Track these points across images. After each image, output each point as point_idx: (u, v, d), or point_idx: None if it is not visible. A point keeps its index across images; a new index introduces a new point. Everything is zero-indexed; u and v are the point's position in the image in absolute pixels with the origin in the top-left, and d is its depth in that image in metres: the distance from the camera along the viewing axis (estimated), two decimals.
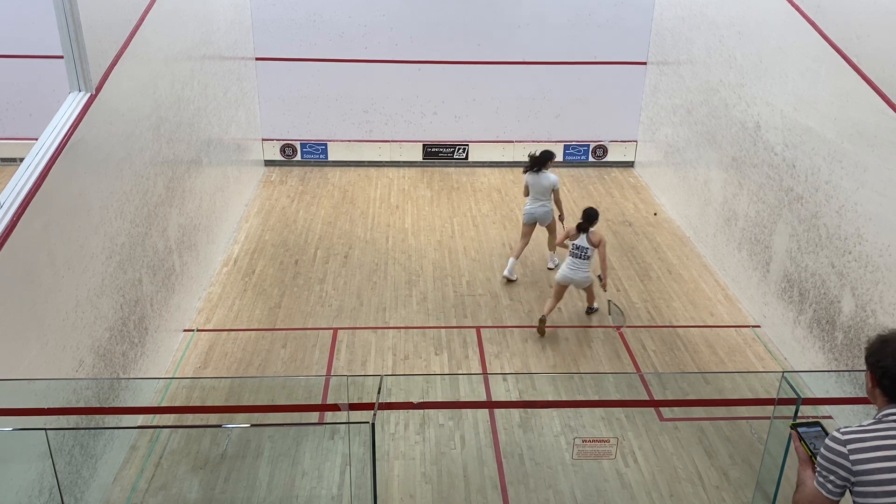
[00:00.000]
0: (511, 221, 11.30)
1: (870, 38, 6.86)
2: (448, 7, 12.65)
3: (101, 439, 5.91)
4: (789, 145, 8.06)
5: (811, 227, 7.59)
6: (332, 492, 6.04)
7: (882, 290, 6.41)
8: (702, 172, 10.50)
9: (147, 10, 7.33)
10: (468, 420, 6.88)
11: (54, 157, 5.34)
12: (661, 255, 10.34)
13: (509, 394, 7.39)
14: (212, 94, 9.65)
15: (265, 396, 7.17)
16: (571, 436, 6.63)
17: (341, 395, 7.29)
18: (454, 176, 13.20)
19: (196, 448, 6.47)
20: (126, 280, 6.57)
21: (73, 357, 5.53)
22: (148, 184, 7.17)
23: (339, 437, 6.63)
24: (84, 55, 5.93)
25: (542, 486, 6.14)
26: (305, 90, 12.97)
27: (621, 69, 13.10)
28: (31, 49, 11.77)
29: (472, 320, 8.62)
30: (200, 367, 7.65)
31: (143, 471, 6.18)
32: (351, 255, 10.13)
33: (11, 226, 4.76)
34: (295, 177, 12.98)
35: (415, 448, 6.54)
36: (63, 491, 5.14)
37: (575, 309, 8.87)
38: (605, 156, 13.72)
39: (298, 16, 12.51)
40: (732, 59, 9.56)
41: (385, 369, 7.65)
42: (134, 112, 6.93)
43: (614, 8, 12.77)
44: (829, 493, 2.71)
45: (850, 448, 2.67)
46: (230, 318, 8.54)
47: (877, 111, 6.59)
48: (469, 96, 13.19)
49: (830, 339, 7.17)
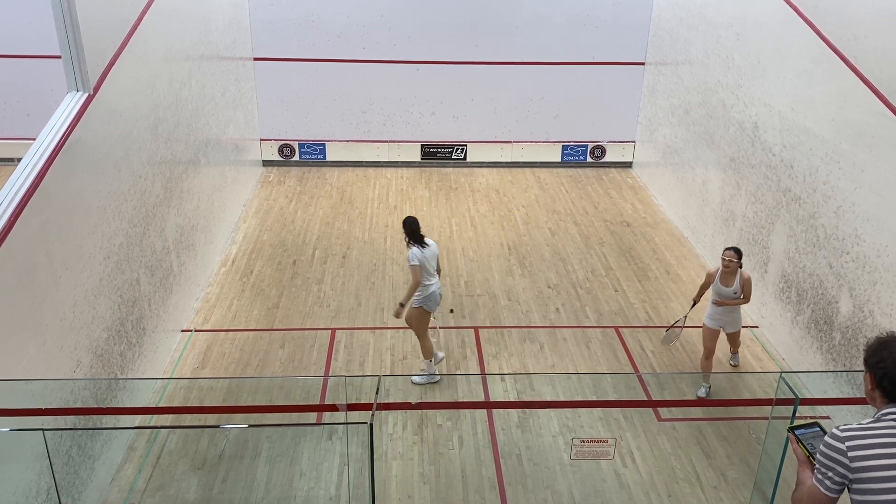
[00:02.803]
0: (509, 222, 11.30)
1: (867, 38, 6.87)
2: (446, 7, 12.65)
3: (99, 440, 5.91)
4: (787, 146, 8.07)
5: (809, 227, 7.60)
6: (330, 492, 6.03)
7: (880, 290, 6.42)
8: (700, 173, 10.51)
9: (145, 10, 7.32)
10: (466, 420, 6.88)
11: (52, 156, 5.33)
12: (660, 255, 10.35)
13: (507, 394, 7.39)
14: (210, 94, 9.64)
15: (263, 397, 7.16)
16: (569, 436, 6.63)
17: (339, 395, 7.29)
18: (452, 176, 13.20)
19: (194, 448, 6.46)
20: (124, 280, 6.56)
21: (70, 357, 5.52)
22: (146, 184, 7.17)
23: (337, 437, 6.62)
24: (82, 55, 5.93)
25: (541, 487, 6.14)
26: (303, 90, 12.96)
27: (619, 70, 13.11)
28: (29, 49, 11.75)
29: (471, 321, 8.61)
30: (198, 367, 7.65)
31: (141, 471, 6.17)
32: (349, 255, 10.13)
33: (9, 226, 4.75)
34: (293, 177, 12.97)
35: (413, 448, 6.54)
36: (61, 491, 5.14)
37: (573, 309, 8.88)
38: (604, 156, 13.73)
39: (297, 16, 12.50)
40: (730, 59, 9.57)
41: (383, 370, 7.64)
42: (132, 112, 6.92)
43: (613, 8, 12.77)
44: (828, 489, 2.71)
45: (849, 445, 2.67)
46: (228, 319, 8.53)
47: (874, 112, 6.60)
48: (467, 97, 13.19)
49: (828, 340, 7.18)
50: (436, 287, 7.15)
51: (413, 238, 7.04)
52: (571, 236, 10.84)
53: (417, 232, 7.06)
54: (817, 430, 2.91)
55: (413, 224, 7.08)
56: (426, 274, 7.04)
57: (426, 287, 7.07)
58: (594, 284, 9.47)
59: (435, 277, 7.17)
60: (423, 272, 7.00)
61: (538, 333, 8.37)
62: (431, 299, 7.14)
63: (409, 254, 7.02)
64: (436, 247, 7.20)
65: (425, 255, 7.01)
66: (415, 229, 7.06)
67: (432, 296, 7.12)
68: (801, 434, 2.91)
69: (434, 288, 7.13)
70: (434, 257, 7.13)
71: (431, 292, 7.10)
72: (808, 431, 2.91)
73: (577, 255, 10.23)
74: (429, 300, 7.12)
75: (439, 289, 7.23)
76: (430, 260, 7.08)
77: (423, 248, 7.02)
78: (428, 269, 7.05)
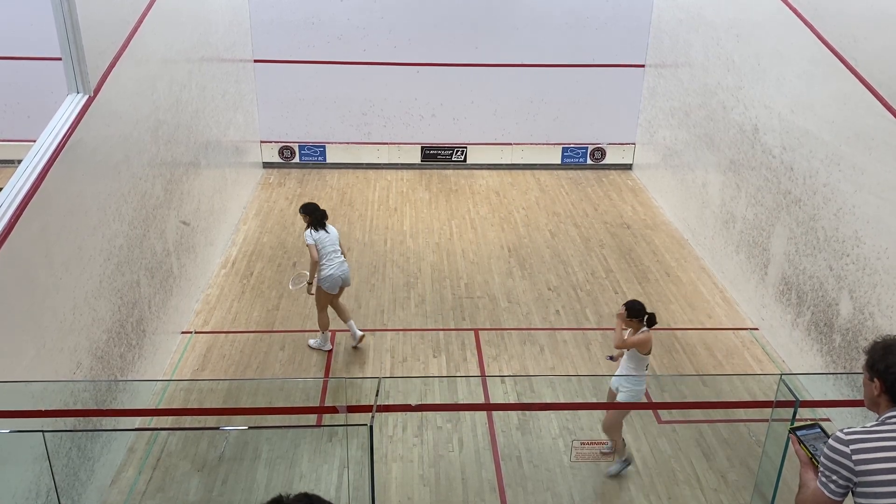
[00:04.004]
0: (509, 224, 11.30)
1: (867, 40, 6.88)
2: (446, 9, 12.66)
3: (99, 441, 5.90)
4: (787, 148, 8.07)
5: (809, 229, 7.60)
6: (330, 494, 6.02)
7: (880, 292, 6.42)
8: (700, 175, 10.51)
9: (145, 12, 7.33)
10: (466, 422, 6.88)
11: (52, 158, 5.33)
12: (660, 257, 10.35)
13: (507, 396, 7.38)
14: (210, 95, 9.65)
15: (263, 398, 7.16)
16: (570, 438, 6.63)
17: (339, 397, 7.29)
18: (452, 178, 13.20)
19: (194, 450, 6.46)
20: (124, 282, 6.56)
21: (70, 359, 5.52)
22: (146, 185, 7.17)
23: (337, 439, 6.62)
24: (82, 57, 5.93)
25: (541, 489, 6.13)
26: (304, 92, 12.97)
27: (619, 72, 13.11)
28: (29, 51, 11.75)
29: (471, 322, 8.61)
30: (198, 369, 7.64)
31: (141, 473, 6.17)
32: (349, 257, 10.12)
33: (9, 227, 4.75)
34: (293, 179, 12.97)
35: (413, 450, 6.53)
36: (60, 493, 5.13)
37: (573, 311, 8.88)
38: (604, 158, 13.73)
39: (297, 18, 12.51)
40: (730, 61, 9.58)
41: (383, 371, 7.64)
42: (132, 114, 6.92)
43: (612, 10, 12.78)
44: (832, 493, 2.70)
45: (853, 448, 2.66)
46: (228, 320, 8.52)
47: (874, 114, 6.60)
48: (467, 99, 13.20)
49: (828, 342, 7.18)
50: (335, 270, 7.53)
51: (313, 222, 7.50)
52: (571, 238, 10.84)
53: (319, 218, 7.54)
54: (818, 430, 2.90)
55: (313, 210, 7.56)
56: (324, 256, 7.46)
57: (323, 269, 7.49)
58: (594, 286, 9.47)
59: (336, 261, 7.56)
60: (321, 254, 7.44)
61: (538, 335, 8.36)
62: (329, 281, 7.53)
63: (305, 234, 7.55)
64: (336, 233, 7.66)
65: (321, 236, 7.47)
66: (316, 215, 7.53)
67: (330, 278, 7.51)
68: (803, 435, 2.90)
69: (332, 271, 7.51)
70: (333, 242, 7.57)
71: (329, 274, 7.50)
72: (810, 432, 2.91)
73: (578, 257, 10.23)
74: (326, 282, 7.53)
75: (342, 273, 7.60)
76: (328, 243, 7.51)
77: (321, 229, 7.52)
78: (325, 251, 7.46)
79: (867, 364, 2.83)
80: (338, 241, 7.64)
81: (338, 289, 7.70)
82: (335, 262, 7.55)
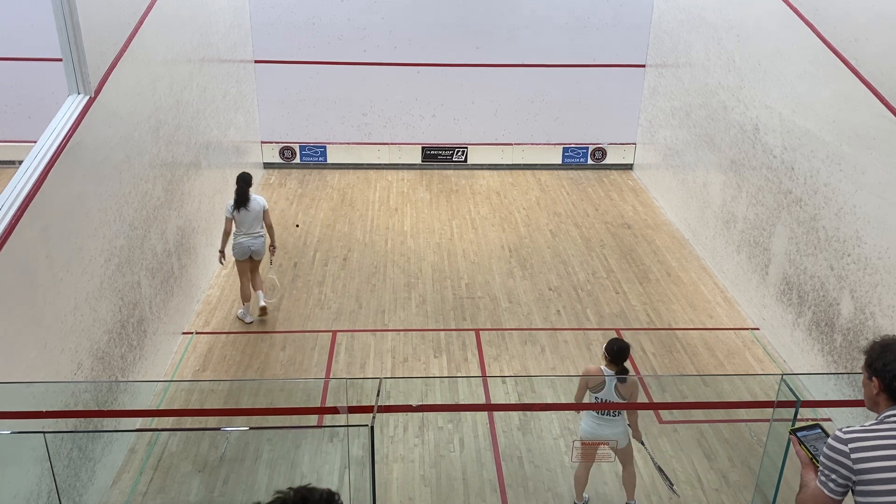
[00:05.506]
0: (510, 224, 11.30)
1: (868, 40, 6.88)
2: (446, 10, 12.66)
3: (100, 442, 5.90)
4: (788, 148, 8.07)
5: (810, 229, 7.59)
6: None
7: (881, 292, 6.42)
8: (701, 175, 10.51)
9: (146, 13, 7.33)
10: (467, 423, 6.88)
11: (53, 159, 5.34)
12: (661, 257, 10.34)
13: (508, 396, 7.38)
14: (211, 96, 9.65)
15: (264, 399, 7.16)
16: (570, 438, 6.62)
17: (340, 397, 7.28)
18: (453, 178, 13.20)
19: (195, 451, 6.46)
20: (125, 283, 6.57)
21: (71, 360, 5.52)
22: (147, 186, 7.17)
23: (338, 439, 6.62)
24: (83, 58, 5.93)
25: (542, 489, 6.13)
26: (304, 93, 12.97)
27: (620, 72, 13.11)
28: (30, 52, 11.76)
29: (472, 323, 8.61)
30: (199, 369, 7.64)
31: (142, 474, 6.17)
32: (350, 257, 10.12)
33: (10, 228, 4.76)
34: (294, 179, 12.98)
35: (414, 451, 6.53)
36: (61, 494, 5.13)
37: (574, 311, 8.88)
38: (604, 158, 13.73)
39: (297, 18, 12.51)
40: (731, 61, 9.57)
41: (384, 372, 7.64)
42: (133, 115, 6.92)
43: (613, 10, 12.78)
44: (832, 492, 2.71)
45: (852, 447, 2.66)
46: (229, 321, 8.53)
47: (875, 114, 6.60)
48: (468, 99, 13.20)
49: (829, 342, 7.17)
50: (244, 239, 8.26)
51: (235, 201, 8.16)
52: (572, 238, 10.84)
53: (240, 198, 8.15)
54: (819, 431, 2.91)
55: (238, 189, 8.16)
56: (237, 226, 8.25)
57: (235, 237, 8.29)
58: (595, 286, 9.46)
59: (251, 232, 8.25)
60: (234, 224, 8.24)
61: (539, 335, 8.36)
62: (238, 248, 8.30)
63: (226, 205, 8.25)
64: (260, 208, 8.25)
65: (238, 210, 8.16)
66: (238, 194, 8.16)
67: (238, 245, 8.29)
68: (803, 436, 2.90)
69: (242, 239, 8.27)
70: (252, 214, 8.21)
71: (238, 242, 8.28)
72: (810, 433, 2.91)
73: (578, 258, 10.23)
74: (235, 248, 8.32)
75: (252, 244, 8.28)
76: (246, 216, 8.18)
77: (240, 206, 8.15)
78: (239, 222, 8.22)
79: (866, 363, 2.86)
80: (261, 217, 8.28)
81: (247, 256, 8.33)
82: (245, 234, 8.26)
